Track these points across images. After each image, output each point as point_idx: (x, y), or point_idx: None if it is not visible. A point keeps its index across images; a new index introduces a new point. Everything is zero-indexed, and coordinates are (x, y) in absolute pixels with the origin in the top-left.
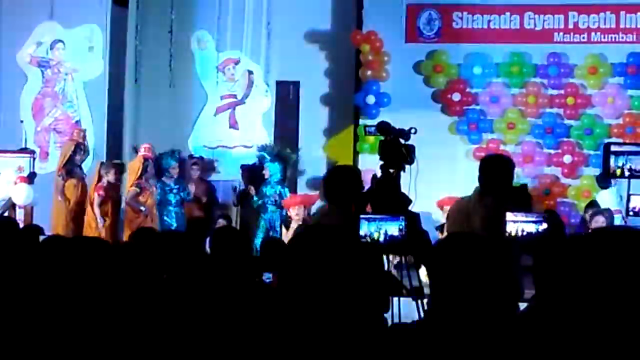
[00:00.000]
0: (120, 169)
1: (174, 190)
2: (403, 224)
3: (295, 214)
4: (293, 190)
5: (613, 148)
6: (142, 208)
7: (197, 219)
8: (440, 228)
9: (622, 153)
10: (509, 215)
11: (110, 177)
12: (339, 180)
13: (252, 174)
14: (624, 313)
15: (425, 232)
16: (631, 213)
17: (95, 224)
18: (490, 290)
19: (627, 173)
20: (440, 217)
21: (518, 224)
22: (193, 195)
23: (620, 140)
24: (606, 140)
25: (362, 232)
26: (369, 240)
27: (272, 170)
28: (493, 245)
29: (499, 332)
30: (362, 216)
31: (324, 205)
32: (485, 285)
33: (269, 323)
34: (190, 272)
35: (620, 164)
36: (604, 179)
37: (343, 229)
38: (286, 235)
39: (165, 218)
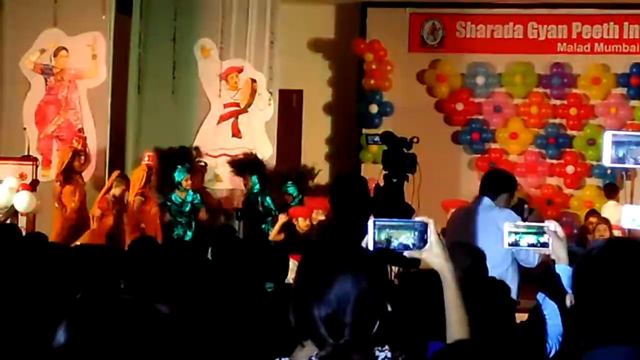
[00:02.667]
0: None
1: (187, 200)
2: (419, 233)
3: (306, 225)
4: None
5: (614, 138)
6: (142, 225)
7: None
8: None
9: (624, 143)
10: (509, 226)
11: (117, 191)
12: (346, 189)
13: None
14: (629, 322)
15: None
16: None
17: (95, 236)
18: (487, 301)
19: (627, 163)
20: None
21: (519, 235)
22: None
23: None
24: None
25: (376, 239)
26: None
27: (252, 182)
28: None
29: (497, 341)
30: (376, 221)
31: (327, 219)
32: (482, 295)
33: (273, 331)
34: (193, 280)
35: (621, 155)
36: (612, 189)
37: (351, 243)
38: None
39: (177, 229)
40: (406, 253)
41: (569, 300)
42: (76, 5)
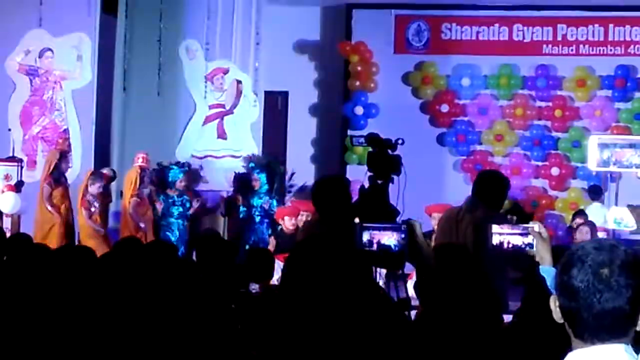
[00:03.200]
0: (108, 179)
1: (177, 203)
2: (403, 234)
3: (292, 224)
4: (281, 200)
5: (599, 140)
6: (142, 225)
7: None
8: (428, 235)
9: (608, 145)
10: (495, 228)
11: (93, 188)
12: (328, 191)
13: (243, 183)
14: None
15: (427, 242)
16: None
17: (92, 237)
18: (474, 301)
19: (612, 165)
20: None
21: (504, 236)
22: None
23: (607, 136)
24: None
25: (362, 241)
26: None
27: (261, 181)
28: (478, 258)
29: (483, 343)
30: (364, 224)
31: (311, 219)
32: (469, 296)
33: (255, 332)
34: (175, 281)
35: (606, 157)
36: (596, 191)
37: (337, 242)
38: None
39: (167, 231)
40: None
41: (553, 301)
42: (61, 6)
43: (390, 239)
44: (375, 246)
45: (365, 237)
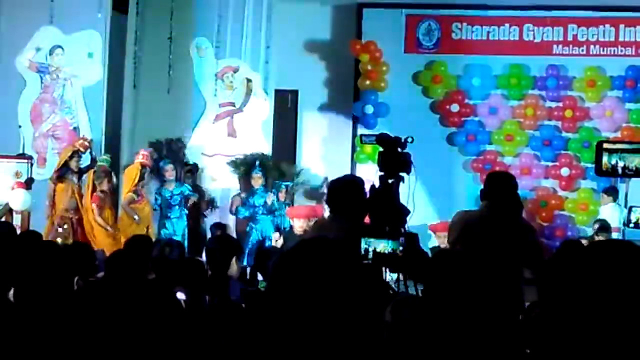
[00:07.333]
0: (112, 177)
1: (175, 195)
2: (401, 246)
3: (299, 226)
4: (290, 201)
5: (606, 145)
6: (135, 217)
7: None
8: (434, 250)
9: (616, 151)
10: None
11: (104, 186)
12: (343, 191)
13: (246, 182)
14: (624, 323)
15: (425, 253)
16: (631, 225)
17: (101, 235)
18: (486, 307)
19: (620, 171)
20: (434, 240)
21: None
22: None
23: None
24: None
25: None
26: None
27: (263, 179)
28: (488, 263)
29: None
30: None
31: (323, 217)
32: (481, 302)
33: (260, 331)
34: (185, 280)
35: (613, 162)
36: (612, 190)
37: (341, 243)
38: (276, 242)
39: (167, 226)
40: None
41: None
42: (72, 3)
43: (386, 247)
44: (370, 255)
45: (362, 245)
